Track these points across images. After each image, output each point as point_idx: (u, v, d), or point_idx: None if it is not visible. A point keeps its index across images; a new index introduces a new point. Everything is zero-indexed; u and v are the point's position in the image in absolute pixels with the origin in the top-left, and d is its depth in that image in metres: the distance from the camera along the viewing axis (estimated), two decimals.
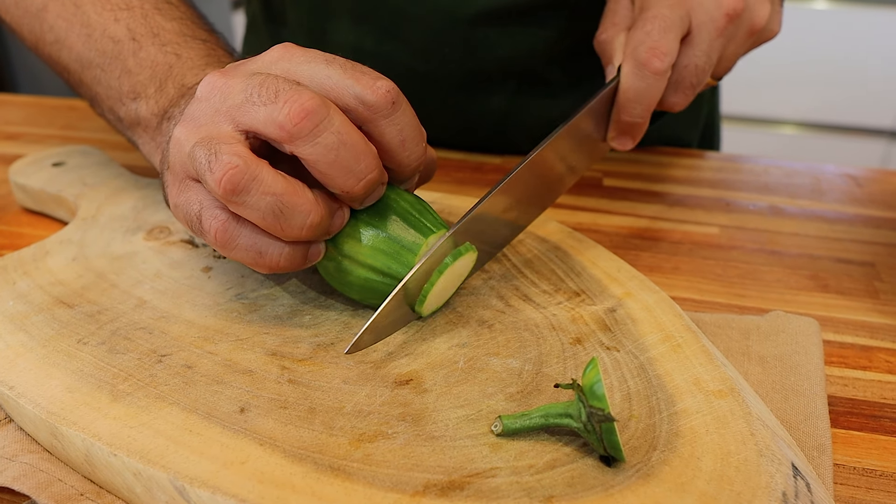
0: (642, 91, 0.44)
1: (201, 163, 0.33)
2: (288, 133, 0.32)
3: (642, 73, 0.43)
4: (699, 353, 0.36)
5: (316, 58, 0.35)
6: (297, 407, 0.32)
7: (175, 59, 0.44)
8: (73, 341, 0.37)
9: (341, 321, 0.39)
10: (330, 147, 0.32)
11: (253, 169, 0.32)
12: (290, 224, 0.33)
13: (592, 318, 0.39)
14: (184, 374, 0.34)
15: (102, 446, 0.30)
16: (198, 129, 0.34)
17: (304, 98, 0.32)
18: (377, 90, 0.34)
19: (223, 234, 0.34)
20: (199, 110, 0.34)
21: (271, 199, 0.32)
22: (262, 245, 0.34)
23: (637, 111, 0.45)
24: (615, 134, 0.47)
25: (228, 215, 0.34)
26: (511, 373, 0.35)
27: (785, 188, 0.64)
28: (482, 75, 0.66)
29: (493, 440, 0.31)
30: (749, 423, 0.32)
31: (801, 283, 0.49)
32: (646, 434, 0.31)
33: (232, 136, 0.33)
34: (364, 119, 0.34)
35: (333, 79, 0.34)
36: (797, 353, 0.40)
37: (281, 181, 0.33)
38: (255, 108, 0.33)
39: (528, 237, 0.47)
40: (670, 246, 0.53)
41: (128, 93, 0.44)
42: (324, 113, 0.32)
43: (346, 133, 0.33)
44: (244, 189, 0.32)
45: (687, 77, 0.46)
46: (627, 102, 0.45)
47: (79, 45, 0.47)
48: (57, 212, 0.55)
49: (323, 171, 0.33)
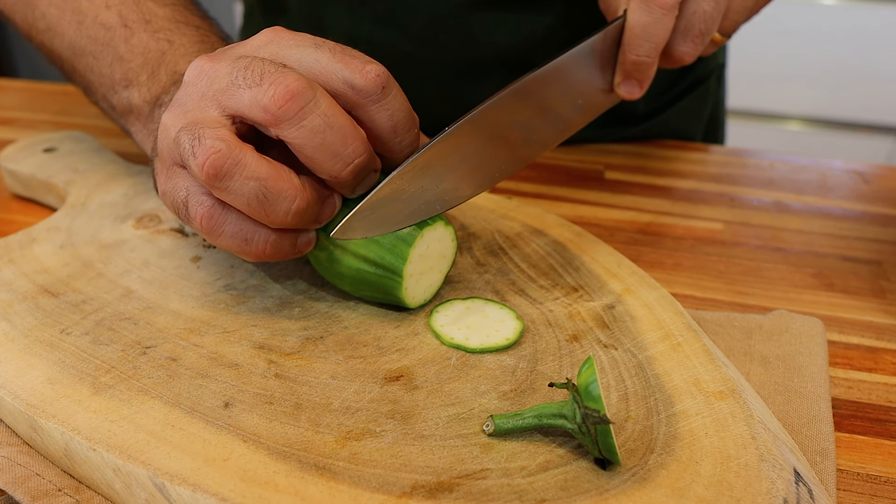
0: (649, 26, 0.42)
1: (185, 148, 0.32)
2: (272, 116, 0.31)
3: (649, 6, 0.41)
4: (700, 352, 0.35)
5: (304, 41, 0.34)
6: (283, 402, 0.31)
7: (167, 45, 0.43)
8: (56, 331, 0.36)
9: (331, 314, 0.38)
10: (316, 130, 0.31)
11: (236, 153, 0.31)
12: (274, 210, 0.32)
13: (590, 314, 0.38)
14: (168, 367, 0.33)
15: (81, 440, 0.29)
16: (184, 114, 0.33)
17: (289, 80, 0.31)
18: (367, 74, 0.33)
19: (208, 220, 0.33)
20: (185, 95, 0.34)
21: (254, 184, 0.31)
22: (248, 232, 0.34)
23: (644, 48, 0.42)
24: (621, 79, 0.44)
25: (214, 202, 0.33)
26: (505, 370, 0.34)
27: (791, 184, 0.63)
28: (479, 62, 0.65)
29: (485, 440, 0.30)
30: (750, 426, 0.31)
31: (806, 281, 0.48)
32: (643, 436, 0.30)
33: (217, 120, 0.32)
34: (353, 104, 0.33)
35: (322, 63, 0.33)
36: (801, 353, 0.39)
37: (265, 165, 0.32)
38: (240, 92, 0.32)
39: (525, 230, 0.46)
40: (673, 242, 0.52)
41: (120, 80, 0.44)
42: (309, 95, 0.31)
43: (333, 116, 0.32)
44: (227, 174, 0.31)
45: (696, 23, 0.43)
46: (634, 39, 0.42)
47: (70, 33, 0.46)
48: (47, 198, 0.54)
49: (309, 156, 0.32)
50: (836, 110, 1.93)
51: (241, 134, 0.33)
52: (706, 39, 0.44)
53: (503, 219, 0.47)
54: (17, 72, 1.85)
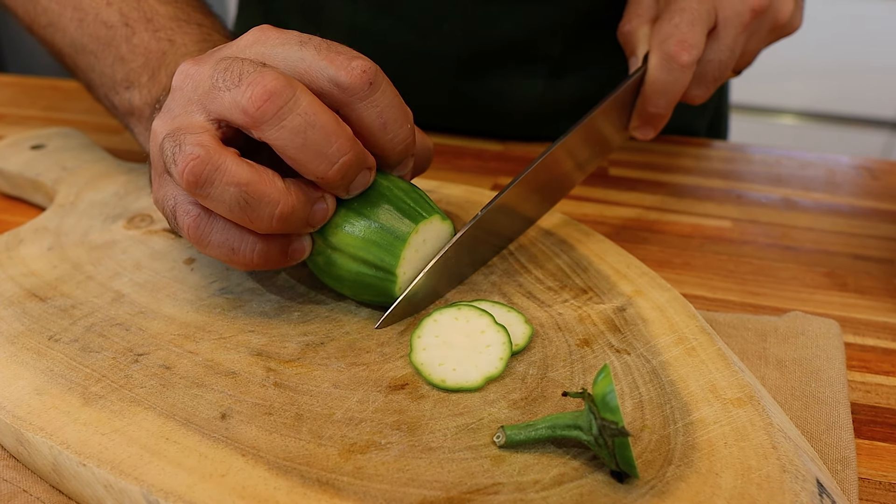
0: (669, 83, 0.44)
1: (168, 156, 0.31)
2: (251, 117, 0.30)
3: (670, 65, 0.43)
4: (715, 356, 0.34)
5: (290, 40, 0.33)
6: (282, 413, 0.30)
7: (168, 45, 0.42)
8: (43, 338, 0.34)
9: (332, 318, 0.36)
10: (297, 130, 0.30)
11: (215, 159, 0.30)
12: (258, 215, 0.31)
13: (601, 317, 0.36)
14: (161, 376, 0.32)
15: (71, 455, 0.28)
16: (171, 120, 0.32)
17: (266, 79, 0.30)
18: (351, 71, 0.31)
19: (195, 230, 0.32)
20: (173, 101, 0.33)
21: (235, 189, 0.30)
22: (234, 241, 0.33)
23: (662, 103, 0.45)
24: (638, 124, 0.47)
25: (200, 210, 0.32)
26: (514, 377, 0.32)
27: (798, 180, 0.61)
28: (483, 54, 0.63)
29: (496, 452, 0.28)
30: (770, 434, 0.29)
31: (818, 280, 0.47)
32: (660, 446, 0.29)
33: (201, 125, 0.31)
34: (340, 102, 0.32)
35: (307, 61, 0.32)
36: (818, 357, 0.38)
37: (246, 170, 0.30)
38: (220, 94, 0.31)
39: (531, 229, 0.44)
40: (680, 240, 0.51)
41: (121, 81, 0.43)
42: (288, 94, 0.30)
43: (314, 114, 0.30)
44: (207, 180, 0.30)
45: (710, 71, 0.46)
46: (654, 94, 0.45)
47: (71, 30, 0.45)
48: (35, 197, 0.52)
49: (292, 157, 0.31)
50: (830, 104, 1.93)
51: (227, 138, 0.32)
52: (718, 84, 0.47)
53: None
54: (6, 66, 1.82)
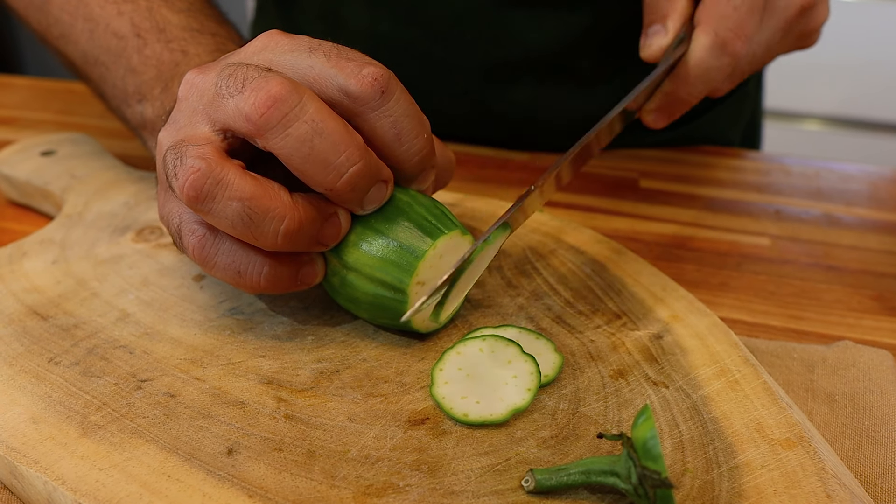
0: (713, 70, 0.39)
1: (169, 169, 0.29)
2: (254, 125, 0.28)
3: (722, 51, 0.39)
4: (760, 391, 0.31)
5: (300, 45, 0.31)
6: (293, 449, 0.28)
7: (181, 56, 0.41)
8: (43, 360, 0.32)
9: (348, 343, 0.34)
10: (303, 139, 0.28)
11: (217, 172, 0.28)
12: (262, 231, 0.29)
13: (636, 345, 0.34)
14: (165, 405, 0.30)
15: (66, 492, 0.26)
16: (177, 131, 0.30)
17: (270, 85, 0.28)
18: (362, 79, 0.29)
19: (200, 251, 0.30)
20: (178, 112, 0.31)
21: (238, 204, 0.28)
22: (240, 263, 0.30)
23: (699, 90, 0.40)
24: (657, 106, 0.42)
25: (206, 230, 0.30)
26: (544, 412, 0.30)
27: (840, 194, 0.58)
28: (507, 64, 0.61)
29: (524, 498, 0.26)
30: (824, 481, 0.27)
31: (865, 304, 0.44)
32: (703, 493, 0.26)
33: (205, 137, 0.30)
34: (351, 112, 0.30)
35: (316, 69, 0.30)
36: (870, 391, 0.35)
37: (249, 184, 0.28)
38: (224, 102, 0.29)
39: (560, 247, 0.42)
40: (717, 258, 0.48)
41: (133, 94, 0.42)
42: (294, 100, 0.28)
43: (322, 121, 0.28)
44: (208, 195, 0.28)
45: (743, 66, 0.42)
46: (694, 78, 0.40)
47: (83, 41, 0.44)
48: (43, 205, 0.50)
49: (298, 168, 0.29)
50: (855, 109, 1.89)
51: (234, 149, 0.30)
52: (744, 79, 0.44)
53: (533, 233, 0.43)
54: (25, 68, 1.83)
